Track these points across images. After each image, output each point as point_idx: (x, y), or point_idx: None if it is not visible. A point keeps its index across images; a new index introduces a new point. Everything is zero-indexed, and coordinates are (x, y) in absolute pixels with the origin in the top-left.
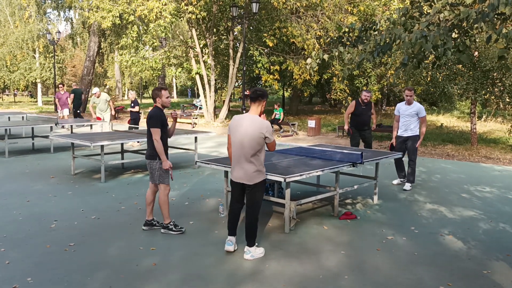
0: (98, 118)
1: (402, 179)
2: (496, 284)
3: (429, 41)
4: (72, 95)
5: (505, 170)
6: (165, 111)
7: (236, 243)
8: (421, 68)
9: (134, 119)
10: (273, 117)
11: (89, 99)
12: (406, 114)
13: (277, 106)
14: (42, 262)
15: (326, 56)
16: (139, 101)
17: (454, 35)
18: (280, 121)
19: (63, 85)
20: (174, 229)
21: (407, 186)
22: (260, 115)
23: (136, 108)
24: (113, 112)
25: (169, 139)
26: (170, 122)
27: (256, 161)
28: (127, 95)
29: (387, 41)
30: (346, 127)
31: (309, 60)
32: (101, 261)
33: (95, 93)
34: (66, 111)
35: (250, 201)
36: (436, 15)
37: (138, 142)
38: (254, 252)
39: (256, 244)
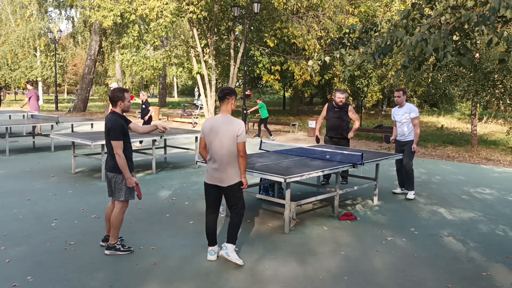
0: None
1: (403, 188)
2: (495, 286)
3: (429, 44)
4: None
5: (505, 172)
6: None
7: (218, 250)
8: (422, 70)
9: (146, 122)
10: (258, 115)
11: (90, 97)
12: (399, 117)
13: (259, 100)
14: (42, 261)
15: (327, 58)
16: (138, 100)
17: (455, 37)
18: (265, 121)
19: (30, 83)
20: (122, 249)
21: (410, 195)
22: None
23: (151, 110)
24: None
25: (162, 139)
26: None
27: (233, 163)
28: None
29: (388, 43)
30: (316, 133)
31: (310, 62)
32: (101, 260)
33: (111, 87)
34: (35, 113)
35: (230, 201)
36: (437, 18)
37: (140, 142)
38: (230, 252)
39: (236, 249)
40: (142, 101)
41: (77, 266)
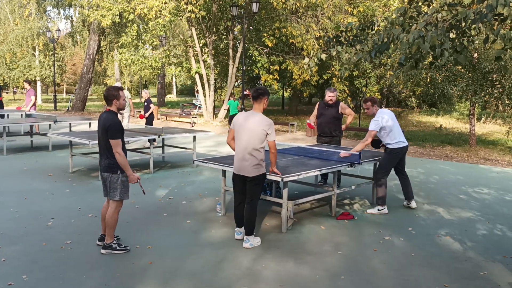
0: (141, 116)
1: (407, 202)
2: (493, 286)
3: (426, 41)
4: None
5: (503, 171)
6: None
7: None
8: (421, 69)
9: (148, 119)
10: (227, 110)
11: (89, 96)
12: None
13: (233, 98)
14: (38, 259)
15: (324, 56)
16: (137, 100)
17: (452, 35)
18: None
19: (28, 82)
20: (118, 248)
21: (374, 209)
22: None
23: (152, 107)
24: (132, 113)
25: (165, 138)
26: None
27: (257, 156)
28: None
29: (385, 41)
30: (312, 123)
31: (306, 60)
32: (97, 259)
33: None
34: (33, 111)
35: (250, 193)
36: (434, 15)
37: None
38: (252, 241)
39: (254, 234)
40: (145, 99)
41: (73, 265)
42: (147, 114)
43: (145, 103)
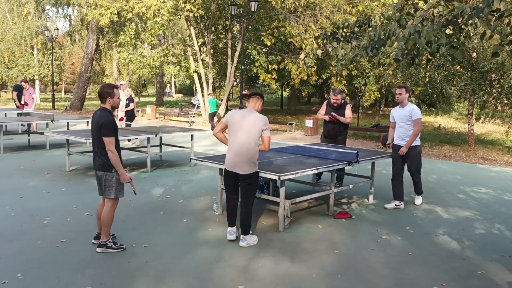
0: (121, 119)
1: (398, 203)
2: (490, 285)
3: (422, 36)
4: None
5: (502, 171)
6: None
7: (237, 231)
8: (419, 69)
9: (129, 116)
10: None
11: (87, 96)
12: (400, 119)
13: (212, 96)
14: (33, 258)
15: (319, 52)
16: (136, 99)
17: (448, 31)
18: (211, 115)
19: (26, 82)
20: (113, 246)
21: (418, 200)
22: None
23: (131, 106)
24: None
25: (162, 137)
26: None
27: (251, 153)
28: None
29: (381, 37)
30: (326, 117)
31: (302, 56)
32: (93, 258)
33: (122, 84)
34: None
35: (244, 192)
36: (430, 10)
37: (129, 140)
38: (249, 240)
39: (251, 232)
40: (127, 97)
41: (68, 264)
42: (126, 109)
43: (127, 101)
